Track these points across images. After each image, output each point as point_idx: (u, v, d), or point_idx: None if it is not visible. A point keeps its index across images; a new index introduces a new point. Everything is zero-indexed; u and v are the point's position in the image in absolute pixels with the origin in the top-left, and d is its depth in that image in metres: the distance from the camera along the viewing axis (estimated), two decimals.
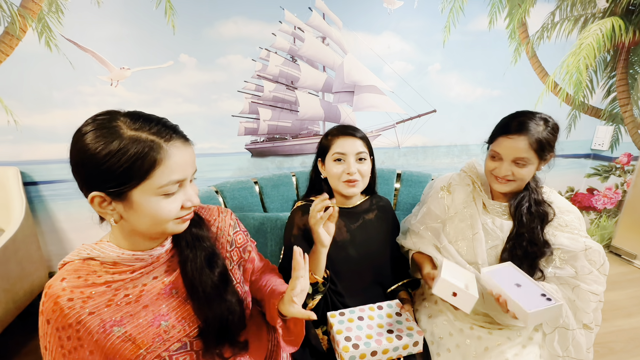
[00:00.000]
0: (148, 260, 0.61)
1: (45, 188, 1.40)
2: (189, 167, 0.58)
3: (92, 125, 0.54)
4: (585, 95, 1.90)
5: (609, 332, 1.48)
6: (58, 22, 1.22)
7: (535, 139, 0.82)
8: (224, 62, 1.40)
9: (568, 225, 0.88)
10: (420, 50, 1.59)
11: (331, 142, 0.95)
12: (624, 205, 2.07)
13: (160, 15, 1.29)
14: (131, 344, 0.58)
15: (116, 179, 0.52)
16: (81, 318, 0.55)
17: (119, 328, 0.57)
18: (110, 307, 0.57)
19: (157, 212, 0.55)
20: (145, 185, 0.53)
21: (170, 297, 0.62)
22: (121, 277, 0.59)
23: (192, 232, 0.65)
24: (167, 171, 0.54)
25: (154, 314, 0.60)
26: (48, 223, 1.44)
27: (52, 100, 1.29)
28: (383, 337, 0.79)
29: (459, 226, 0.96)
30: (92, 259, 0.58)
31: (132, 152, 0.51)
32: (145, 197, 0.54)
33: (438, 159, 1.81)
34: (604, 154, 2.03)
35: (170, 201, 0.56)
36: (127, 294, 0.59)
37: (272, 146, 1.58)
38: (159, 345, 0.60)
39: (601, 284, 0.85)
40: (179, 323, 0.62)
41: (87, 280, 0.57)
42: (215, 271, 0.65)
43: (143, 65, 1.33)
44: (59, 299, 0.54)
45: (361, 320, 0.84)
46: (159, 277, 0.63)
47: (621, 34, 1.79)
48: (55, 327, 0.55)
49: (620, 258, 2.11)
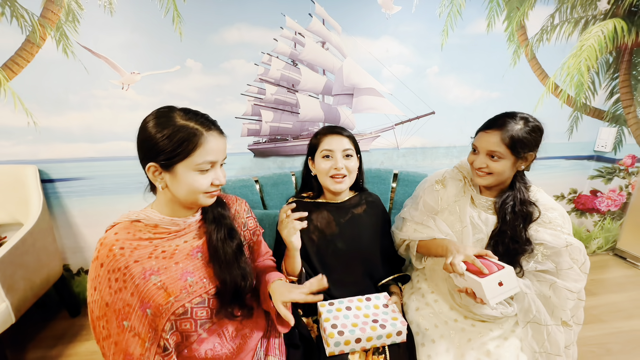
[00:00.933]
0: (182, 226, 0.76)
1: (61, 185, 1.49)
2: (221, 153, 0.73)
3: (154, 115, 0.71)
4: (587, 96, 1.90)
5: (607, 333, 1.48)
6: (74, 30, 1.31)
7: (509, 135, 0.86)
8: (228, 66, 1.47)
9: (552, 222, 0.90)
10: (418, 53, 1.62)
11: (320, 141, 1.01)
12: (629, 208, 2.05)
13: (168, 22, 1.37)
14: (163, 291, 0.70)
15: (168, 154, 0.67)
16: (128, 264, 0.68)
17: (156, 277, 0.70)
18: (150, 259, 0.71)
19: (193, 184, 0.69)
20: (187, 161, 0.68)
21: (196, 259, 0.76)
22: (161, 235, 0.74)
23: (218, 210, 0.81)
24: (204, 152, 0.69)
25: (183, 270, 0.74)
26: (63, 218, 1.53)
27: (68, 102, 1.39)
28: (367, 326, 0.83)
29: (449, 219, 1.00)
30: (138, 221, 0.73)
31: (181, 135, 0.67)
32: (186, 171, 0.69)
33: (437, 160, 1.84)
34: (607, 156, 2.01)
35: (204, 177, 0.70)
36: (164, 250, 0.73)
37: (274, 147, 1.64)
38: (184, 297, 0.72)
39: (579, 281, 0.87)
40: (201, 280, 0.75)
41: (135, 236, 0.71)
42: (233, 242, 0.80)
43: (152, 70, 1.41)
44: (113, 246, 0.68)
45: (349, 310, 0.89)
46: (188, 241, 0.77)
47: (624, 35, 1.79)
48: (107, 270, 0.68)
49: (625, 261, 2.09)
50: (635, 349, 1.39)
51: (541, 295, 0.89)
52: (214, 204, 0.80)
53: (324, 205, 1.07)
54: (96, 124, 1.43)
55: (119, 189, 1.54)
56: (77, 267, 1.63)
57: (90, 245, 1.60)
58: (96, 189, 1.52)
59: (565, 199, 2.11)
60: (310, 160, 1.07)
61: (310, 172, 1.07)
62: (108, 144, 1.47)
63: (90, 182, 1.51)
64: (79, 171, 1.48)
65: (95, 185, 1.51)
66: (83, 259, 1.62)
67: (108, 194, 1.54)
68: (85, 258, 1.62)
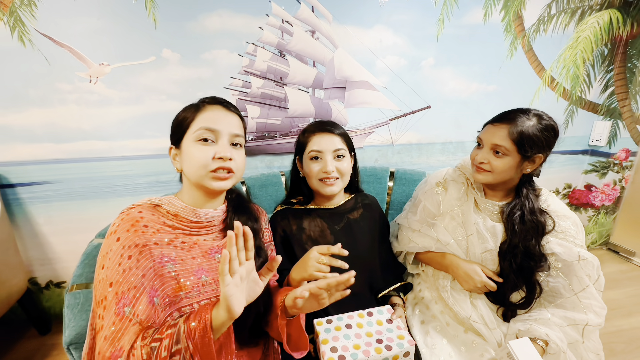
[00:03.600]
0: (202, 219, 0.72)
1: (23, 190, 1.34)
2: (225, 124, 0.69)
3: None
4: (582, 89, 1.86)
5: (608, 332, 1.44)
6: (31, 15, 1.16)
7: (517, 130, 0.78)
8: (209, 57, 1.34)
9: (564, 231, 0.83)
10: (413, 44, 1.54)
11: (308, 140, 0.91)
12: (622, 202, 2.04)
13: (140, 8, 1.23)
14: (176, 283, 0.66)
15: (175, 132, 0.71)
16: (148, 243, 0.64)
17: (172, 265, 0.66)
18: (169, 245, 0.67)
19: (193, 157, 0.67)
20: (188, 132, 0.69)
21: (213, 259, 0.71)
22: (182, 226, 0.70)
23: (248, 224, 0.75)
24: (200, 120, 0.69)
25: (199, 266, 0.69)
26: (27, 227, 1.38)
27: (28, 98, 1.23)
28: (371, 348, 0.74)
29: (450, 224, 0.92)
30: (160, 206, 0.70)
31: (187, 111, 0.72)
32: (189, 143, 0.68)
33: (433, 156, 1.77)
34: (601, 150, 1.99)
35: (205, 149, 0.67)
36: (184, 242, 0.69)
37: (262, 145, 1.52)
38: (194, 295, 0.67)
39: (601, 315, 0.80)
40: (215, 282, 0.70)
41: (160, 219, 0.68)
42: (259, 261, 0.74)
43: (123, 61, 1.27)
44: (137, 222, 0.65)
45: (349, 328, 0.79)
46: (208, 240, 0.73)
47: (619, 26, 1.75)
48: (123, 245, 0.62)
49: (618, 255, 2.08)
50: (639, 348, 1.36)
51: (572, 343, 0.81)
52: (243, 212, 0.75)
53: (316, 211, 0.97)
54: (61, 121, 1.28)
55: (89, 194, 1.39)
56: (46, 279, 1.48)
57: (60, 255, 1.45)
58: (63, 193, 1.37)
59: (560, 194, 2.08)
60: (298, 160, 0.96)
61: (298, 174, 0.96)
62: (76, 144, 1.32)
63: (57, 187, 1.35)
64: (43, 174, 1.33)
65: (63, 189, 1.36)
66: (52, 271, 1.47)
67: (78, 199, 1.39)
68: (54, 270, 1.47)
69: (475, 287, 0.85)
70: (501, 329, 0.85)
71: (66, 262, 1.46)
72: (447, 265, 0.91)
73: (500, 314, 0.88)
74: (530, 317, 0.84)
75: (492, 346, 0.82)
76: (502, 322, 0.87)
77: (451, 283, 0.92)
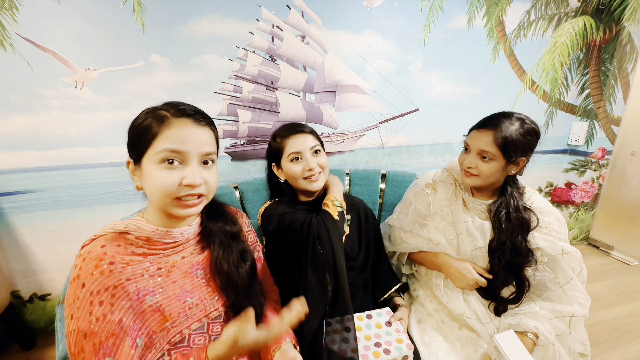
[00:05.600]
0: (177, 239, 0.66)
1: (4, 200, 1.28)
2: (193, 142, 0.60)
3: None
4: (561, 92, 1.94)
5: (591, 324, 1.51)
6: (12, 19, 1.12)
7: (502, 136, 0.82)
8: (199, 62, 1.33)
9: (548, 227, 0.87)
10: (401, 49, 1.57)
11: (283, 144, 0.94)
12: (600, 199, 2.14)
13: (127, 12, 1.21)
14: (159, 314, 0.60)
15: (134, 145, 0.61)
16: (120, 282, 0.57)
17: (152, 297, 0.60)
18: (144, 276, 0.60)
19: (157, 181, 0.58)
20: (149, 152, 0.59)
21: (195, 277, 0.67)
22: (155, 250, 0.63)
23: (226, 229, 0.71)
24: (165, 139, 0.58)
25: (181, 289, 0.64)
26: (9, 238, 1.32)
27: (9, 104, 1.19)
28: (370, 352, 0.75)
29: (441, 224, 0.95)
30: (127, 232, 0.62)
31: (147, 122, 0.59)
32: (150, 165, 0.59)
33: (422, 158, 1.80)
34: (580, 149, 2.08)
35: (169, 173, 0.59)
36: (160, 267, 0.63)
37: (253, 149, 1.52)
38: (182, 321, 0.63)
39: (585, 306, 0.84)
40: (201, 302, 0.66)
41: (127, 249, 0.60)
42: (246, 264, 0.71)
43: (111, 66, 1.24)
44: (101, 261, 0.56)
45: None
46: (186, 257, 0.67)
47: (592, 32, 1.84)
48: (90, 291, 0.55)
49: (598, 250, 2.17)
50: (619, 338, 1.43)
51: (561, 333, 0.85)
52: (219, 218, 0.70)
53: (302, 204, 0.98)
54: (45, 128, 1.23)
55: (76, 202, 1.35)
56: (29, 292, 1.42)
57: (44, 267, 1.40)
58: (48, 202, 1.32)
59: (543, 192, 2.16)
60: (275, 166, 0.98)
61: (277, 179, 0.98)
62: (60, 151, 1.28)
63: (41, 195, 1.31)
64: (26, 183, 1.28)
65: (47, 198, 1.32)
66: (36, 283, 1.41)
67: (63, 208, 1.35)
68: (38, 282, 1.41)
69: (467, 284, 0.88)
70: (494, 323, 0.88)
71: (51, 273, 1.41)
72: (439, 265, 0.94)
73: (492, 309, 0.91)
74: (520, 311, 0.87)
75: (485, 341, 0.85)
76: (495, 317, 0.90)
77: (444, 281, 0.95)
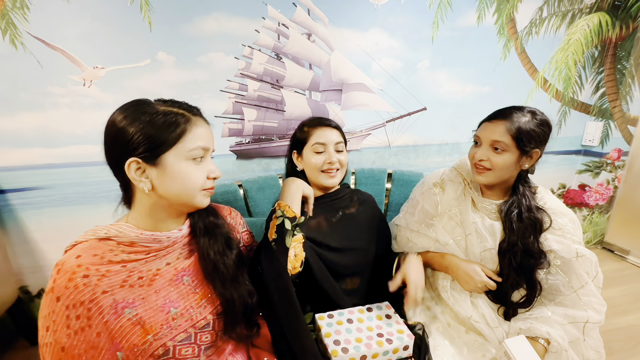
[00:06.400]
0: (164, 243, 0.63)
1: (14, 196, 1.30)
2: (211, 141, 0.64)
3: (123, 107, 0.59)
4: (574, 91, 1.89)
5: (606, 331, 1.45)
6: (24, 18, 1.14)
7: (516, 126, 0.79)
8: (205, 60, 1.34)
9: (561, 228, 0.84)
10: (408, 46, 1.55)
11: (309, 134, 0.93)
12: (616, 201, 2.06)
13: (135, 11, 1.22)
14: (140, 328, 0.57)
15: (151, 142, 0.57)
16: (95, 296, 0.55)
17: (130, 310, 0.57)
18: (123, 287, 0.58)
19: (188, 177, 0.60)
20: (178, 148, 0.58)
21: (181, 284, 0.64)
22: (136, 257, 0.60)
23: (210, 220, 0.69)
24: (195, 137, 0.60)
25: (165, 299, 0.61)
26: (18, 234, 1.34)
27: (19, 102, 1.21)
28: (373, 341, 0.74)
29: (449, 224, 0.92)
30: (108, 238, 0.60)
31: (166, 119, 0.58)
32: (178, 161, 0.59)
33: (429, 158, 1.77)
34: (594, 150, 2.02)
35: (198, 168, 0.61)
36: (141, 277, 0.60)
37: (258, 147, 1.51)
38: (165, 333, 0.60)
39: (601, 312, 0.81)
40: (187, 312, 0.62)
41: (103, 258, 0.58)
42: (233, 253, 0.69)
43: (118, 64, 1.26)
44: (74, 275, 0.54)
45: (350, 323, 0.80)
46: (172, 263, 0.64)
47: (608, 29, 1.79)
48: (66, 305, 0.54)
49: (613, 254, 2.10)
50: (636, 346, 1.37)
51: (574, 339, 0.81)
52: (204, 212, 0.68)
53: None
54: (53, 125, 1.25)
55: (83, 199, 1.37)
56: (37, 288, 1.44)
57: (52, 263, 1.40)
58: (56, 199, 1.34)
59: (555, 194, 2.10)
60: (295, 153, 0.97)
61: (295, 168, 0.97)
62: (68, 148, 1.29)
63: (49, 192, 1.33)
64: (35, 180, 1.30)
65: (55, 195, 1.34)
66: (43, 279, 1.43)
67: (70, 205, 1.36)
68: (46, 277, 1.43)
69: (475, 287, 0.85)
70: (503, 327, 0.85)
71: None
72: (446, 266, 0.91)
73: (501, 313, 0.88)
74: (531, 315, 0.84)
75: (494, 345, 0.82)
76: (504, 321, 0.87)
77: (451, 283, 0.92)
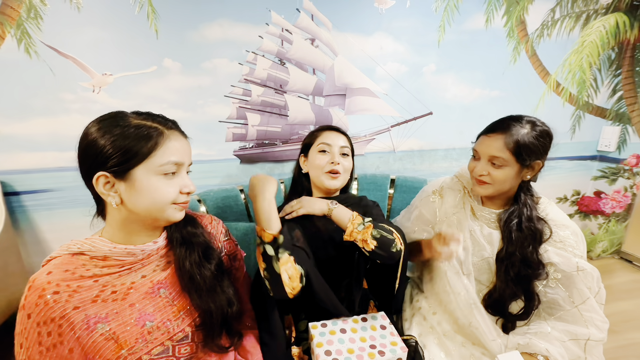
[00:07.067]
0: (138, 256, 0.62)
1: (27, 198, 1.36)
2: (186, 155, 0.62)
3: (97, 120, 0.60)
4: (589, 94, 1.82)
5: (620, 346, 1.39)
6: (37, 28, 1.19)
7: (513, 140, 0.77)
8: (210, 66, 1.36)
9: (562, 241, 0.81)
10: (414, 50, 1.53)
11: (316, 136, 0.97)
12: (634, 209, 1.97)
13: (142, 19, 1.25)
14: (113, 342, 0.57)
15: (121, 156, 0.56)
16: (66, 312, 0.55)
17: (103, 325, 0.57)
18: (96, 302, 0.57)
19: (157, 192, 0.58)
20: (148, 163, 0.57)
21: (157, 297, 0.63)
22: (110, 271, 0.59)
23: (188, 230, 0.68)
24: (167, 152, 0.59)
25: (140, 313, 0.60)
26: (31, 234, 1.39)
27: (33, 108, 1.26)
28: (365, 353, 0.73)
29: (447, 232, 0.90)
30: (82, 253, 0.59)
31: (137, 132, 0.57)
32: (147, 176, 0.57)
33: (436, 163, 1.74)
34: (611, 156, 1.94)
35: (169, 183, 0.60)
36: (115, 291, 0.59)
37: (262, 152, 1.52)
38: (141, 347, 0.59)
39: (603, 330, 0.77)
40: (164, 324, 0.62)
41: (75, 274, 0.57)
42: (211, 264, 0.68)
43: (126, 71, 1.29)
44: (44, 291, 0.54)
45: (343, 333, 0.79)
46: (147, 276, 0.63)
47: (626, 30, 1.72)
48: (37, 322, 0.54)
49: (631, 264, 2.01)
50: None
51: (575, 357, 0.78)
52: (182, 222, 0.67)
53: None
54: (64, 130, 1.30)
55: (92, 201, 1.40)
56: None
57: None
58: (67, 201, 1.39)
59: (569, 201, 2.03)
60: (302, 156, 1.00)
61: (301, 171, 1.00)
62: None
63: (60, 194, 1.37)
64: (47, 182, 1.35)
65: (66, 197, 1.38)
66: None
67: (81, 207, 1.41)
68: None
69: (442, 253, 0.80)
70: (502, 340, 0.82)
71: None
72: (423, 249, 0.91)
73: (500, 326, 0.86)
74: (530, 330, 0.81)
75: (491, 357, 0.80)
76: (502, 334, 0.84)
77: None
